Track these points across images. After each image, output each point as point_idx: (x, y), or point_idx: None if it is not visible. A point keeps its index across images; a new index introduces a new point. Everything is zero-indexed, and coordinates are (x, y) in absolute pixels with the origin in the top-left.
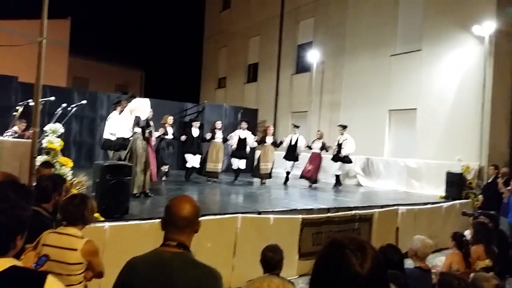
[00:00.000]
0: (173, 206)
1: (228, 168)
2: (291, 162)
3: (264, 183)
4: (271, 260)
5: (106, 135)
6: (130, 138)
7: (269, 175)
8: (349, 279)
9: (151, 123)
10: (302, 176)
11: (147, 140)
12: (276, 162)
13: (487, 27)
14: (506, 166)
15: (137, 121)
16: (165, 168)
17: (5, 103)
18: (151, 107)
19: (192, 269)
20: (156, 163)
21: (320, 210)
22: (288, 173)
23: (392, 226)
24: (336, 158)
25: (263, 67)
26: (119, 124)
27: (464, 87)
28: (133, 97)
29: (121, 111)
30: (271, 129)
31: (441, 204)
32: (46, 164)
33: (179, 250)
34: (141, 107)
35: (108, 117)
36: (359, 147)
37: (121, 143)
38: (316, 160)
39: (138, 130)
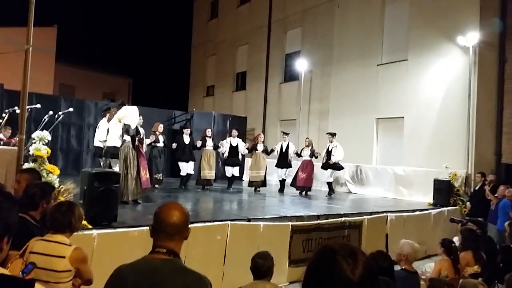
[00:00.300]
0: (162, 212)
1: (221, 176)
2: (284, 170)
3: (258, 191)
4: (262, 267)
5: (96, 143)
6: (120, 147)
7: (262, 183)
8: (340, 285)
9: (142, 130)
10: (296, 186)
11: (137, 148)
12: (268, 170)
13: (471, 37)
14: (492, 174)
15: (126, 129)
16: (159, 176)
17: None
18: (140, 114)
19: (181, 276)
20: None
21: (310, 217)
22: (283, 180)
23: (382, 232)
24: (326, 165)
25: (251, 76)
26: (110, 132)
27: (450, 96)
28: (123, 104)
29: (109, 119)
30: (261, 137)
31: (429, 211)
32: (26, 170)
33: (168, 257)
34: (130, 115)
35: (98, 125)
36: (348, 154)
37: (112, 152)
38: (308, 167)
39: (127, 138)
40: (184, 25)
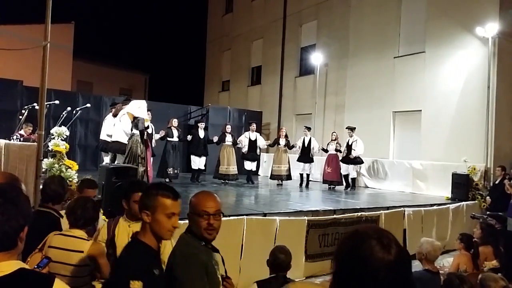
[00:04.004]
0: (200, 198)
1: (239, 170)
2: (307, 164)
3: (280, 184)
4: (283, 262)
5: (103, 136)
6: (128, 141)
7: (286, 177)
8: (378, 265)
9: (151, 125)
10: (324, 181)
11: (145, 142)
12: (291, 164)
13: (490, 28)
14: None
15: (135, 124)
16: (170, 170)
17: (10, 107)
18: (152, 109)
19: (182, 248)
20: (165, 164)
21: (326, 212)
22: (308, 175)
23: (399, 227)
24: (347, 160)
25: (266, 70)
26: (116, 127)
27: (469, 89)
28: (128, 100)
29: (115, 114)
30: (283, 132)
31: (448, 205)
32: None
33: (186, 234)
34: (138, 109)
35: (104, 119)
36: (364, 149)
37: (116, 147)
38: (333, 161)
39: (136, 132)
40: (199, 20)
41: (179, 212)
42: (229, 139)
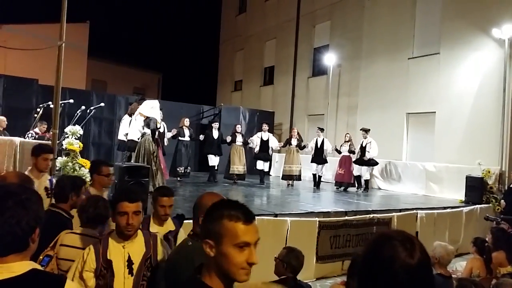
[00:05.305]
0: (202, 199)
1: (249, 171)
2: (320, 165)
3: (292, 185)
4: (301, 265)
5: (120, 136)
6: (139, 140)
7: (297, 177)
8: (400, 269)
9: (163, 124)
10: (336, 182)
11: (156, 141)
12: (302, 165)
13: (507, 30)
14: None
15: (147, 123)
16: (181, 169)
17: (25, 105)
18: (167, 109)
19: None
20: (176, 163)
21: (337, 213)
22: (319, 176)
23: (412, 230)
24: (360, 161)
25: (279, 70)
26: (131, 126)
27: (484, 91)
28: (143, 100)
29: (130, 113)
30: (295, 132)
31: (461, 208)
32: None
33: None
34: (152, 108)
35: (122, 119)
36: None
37: (129, 145)
38: (346, 163)
39: (148, 131)
40: (213, 20)
41: (256, 241)
42: (239, 139)
